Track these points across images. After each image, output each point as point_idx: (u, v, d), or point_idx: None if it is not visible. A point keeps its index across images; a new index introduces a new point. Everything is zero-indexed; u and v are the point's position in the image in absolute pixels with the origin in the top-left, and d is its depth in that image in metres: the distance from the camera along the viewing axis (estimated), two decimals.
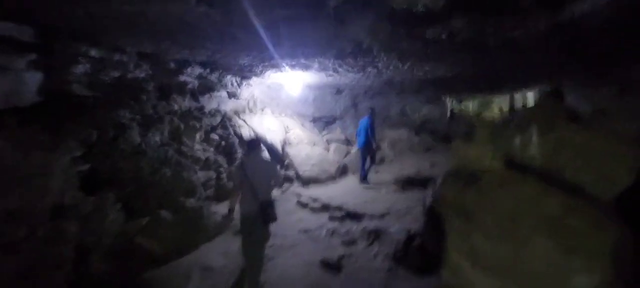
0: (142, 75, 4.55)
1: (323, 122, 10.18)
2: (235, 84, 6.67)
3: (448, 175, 2.44)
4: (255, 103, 7.68)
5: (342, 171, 7.66)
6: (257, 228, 3.87)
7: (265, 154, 5.28)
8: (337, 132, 9.73)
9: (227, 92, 6.53)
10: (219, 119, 6.23)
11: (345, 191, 6.33)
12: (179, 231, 4.21)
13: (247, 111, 7.37)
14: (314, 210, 5.61)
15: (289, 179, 6.98)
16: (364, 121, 6.81)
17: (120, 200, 4.00)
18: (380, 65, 5.24)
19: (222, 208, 5.33)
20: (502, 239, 1.81)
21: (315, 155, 7.56)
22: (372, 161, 7.07)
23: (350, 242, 4.39)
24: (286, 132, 8.05)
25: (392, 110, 11.14)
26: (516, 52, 3.94)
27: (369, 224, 4.67)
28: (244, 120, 7.04)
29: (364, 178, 6.85)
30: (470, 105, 11.86)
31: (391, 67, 5.40)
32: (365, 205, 5.36)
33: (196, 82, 5.54)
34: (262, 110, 7.95)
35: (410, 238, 3.84)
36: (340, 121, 10.37)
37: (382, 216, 4.90)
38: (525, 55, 4.07)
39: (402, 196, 5.89)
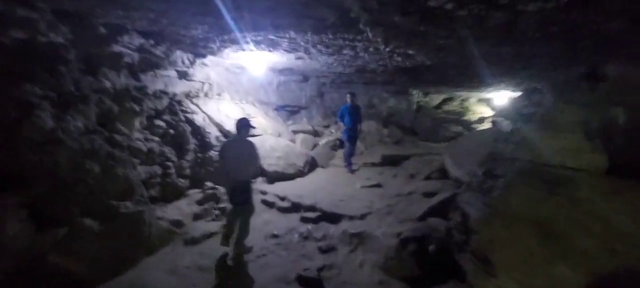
0: (60, 40, 3.52)
1: (287, 111, 9.41)
2: (187, 61, 5.64)
3: (517, 176, 1.85)
4: (211, 87, 6.65)
5: (311, 165, 6.98)
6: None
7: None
8: (303, 122, 9.02)
9: (177, 71, 5.47)
10: (165, 102, 5.17)
11: (316, 187, 5.66)
12: (111, 244, 3.24)
13: (201, 95, 6.33)
14: (282, 210, 4.88)
15: None
16: (344, 108, 6.67)
17: (26, 205, 2.98)
18: (360, 46, 4.65)
19: (170, 211, 4.38)
20: None
21: (280, 147, 6.78)
22: (350, 148, 6.78)
23: (329, 249, 3.75)
24: None
25: (359, 102, 10.75)
26: (515, 37, 3.57)
27: (349, 226, 4.06)
28: (198, 105, 6.02)
29: (349, 166, 6.76)
30: (435, 100, 11.82)
31: (371, 49, 4.85)
32: (341, 204, 4.75)
33: (136, 56, 4.46)
34: (219, 95, 6.94)
35: (403, 243, 3.29)
36: (305, 111, 9.68)
37: (362, 216, 4.32)
38: (522, 42, 3.72)
39: (379, 192, 5.39)
